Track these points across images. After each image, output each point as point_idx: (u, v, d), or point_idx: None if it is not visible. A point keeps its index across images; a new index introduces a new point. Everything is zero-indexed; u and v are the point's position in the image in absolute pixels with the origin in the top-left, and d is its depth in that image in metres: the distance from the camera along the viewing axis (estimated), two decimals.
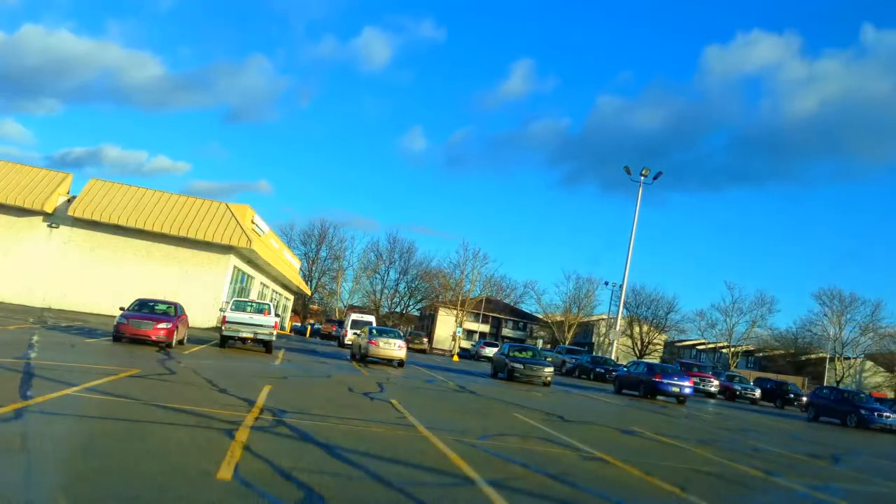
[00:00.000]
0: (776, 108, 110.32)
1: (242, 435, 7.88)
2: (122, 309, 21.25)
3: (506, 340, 76.18)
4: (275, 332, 23.33)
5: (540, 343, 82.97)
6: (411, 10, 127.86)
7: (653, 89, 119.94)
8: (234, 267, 38.92)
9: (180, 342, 21.25)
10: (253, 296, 44.82)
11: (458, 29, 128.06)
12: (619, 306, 52.19)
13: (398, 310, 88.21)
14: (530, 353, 29.22)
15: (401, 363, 25.77)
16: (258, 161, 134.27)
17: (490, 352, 48.79)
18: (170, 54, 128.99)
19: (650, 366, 30.32)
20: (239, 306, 24.22)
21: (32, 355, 13.51)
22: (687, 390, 26.29)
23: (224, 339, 23.16)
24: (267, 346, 23.36)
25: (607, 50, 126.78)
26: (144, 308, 21.28)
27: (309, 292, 79.08)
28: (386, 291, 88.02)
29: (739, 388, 38.98)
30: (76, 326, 24.45)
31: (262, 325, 22.81)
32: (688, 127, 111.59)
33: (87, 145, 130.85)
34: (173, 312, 21.24)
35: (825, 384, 59.45)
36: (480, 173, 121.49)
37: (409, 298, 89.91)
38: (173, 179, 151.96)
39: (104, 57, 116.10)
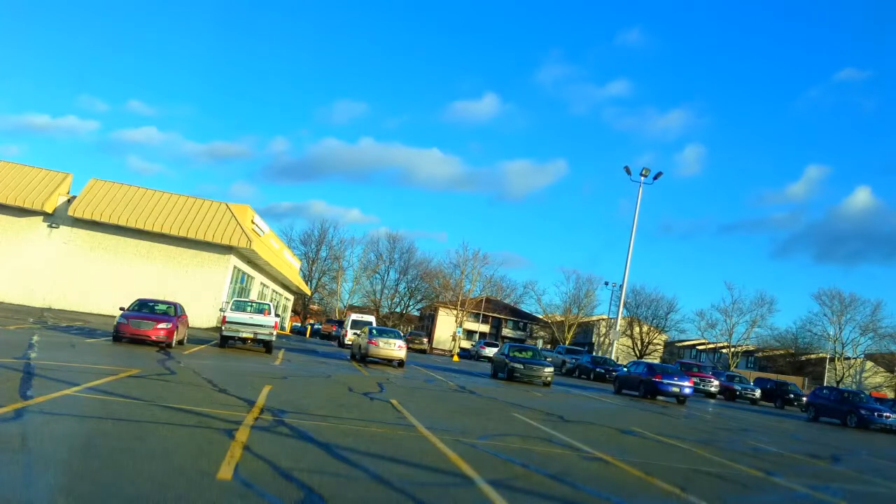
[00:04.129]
0: None
1: (242, 435, 7.88)
2: (122, 309, 21.26)
3: (506, 340, 76.18)
4: (275, 332, 23.34)
5: (540, 343, 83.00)
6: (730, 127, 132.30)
7: None
8: (234, 267, 38.92)
9: (180, 342, 21.26)
10: (253, 296, 44.83)
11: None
12: (619, 306, 52.20)
13: (398, 310, 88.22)
14: (530, 353, 29.21)
15: (401, 363, 25.78)
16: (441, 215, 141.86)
17: (490, 352, 48.81)
18: (470, 154, 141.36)
19: (650, 366, 30.30)
20: (239, 306, 24.23)
21: (32, 355, 13.52)
22: (687, 390, 26.29)
23: (224, 339, 23.17)
24: (267, 346, 23.37)
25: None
26: (144, 308, 21.28)
27: (309, 292, 79.06)
28: (386, 291, 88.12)
29: (739, 388, 38.97)
30: (76, 326, 24.46)
31: (262, 325, 22.82)
32: None
33: (296, 200, 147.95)
34: (173, 312, 21.25)
35: (825, 384, 59.44)
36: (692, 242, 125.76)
37: (409, 298, 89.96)
38: (357, 228, 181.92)
39: (416, 159, 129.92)
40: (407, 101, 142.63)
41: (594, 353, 63.30)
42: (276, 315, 25.55)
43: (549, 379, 25.89)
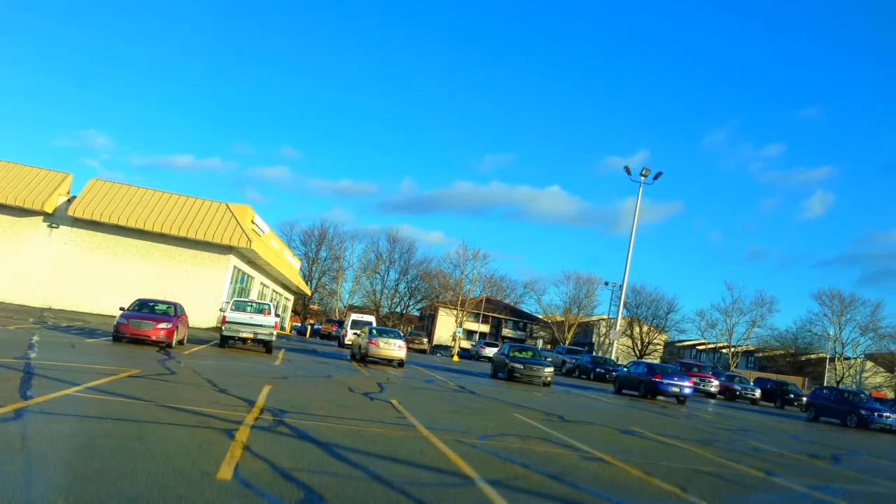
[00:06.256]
0: None
1: (242, 435, 7.88)
2: (122, 309, 21.27)
3: (506, 340, 76.17)
4: (275, 332, 23.34)
5: (540, 343, 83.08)
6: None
7: None
8: (234, 267, 38.92)
9: (180, 342, 21.26)
10: (253, 296, 44.82)
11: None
12: (619, 306, 52.19)
13: (398, 310, 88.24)
14: (530, 353, 29.21)
15: (401, 363, 25.78)
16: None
17: (490, 352, 48.87)
18: (592, 193, 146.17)
19: (650, 366, 30.30)
20: (239, 306, 24.23)
21: (32, 355, 13.52)
22: (687, 390, 26.29)
23: (224, 339, 23.18)
24: (267, 346, 23.37)
25: None
26: (144, 308, 21.29)
27: (309, 292, 79.06)
28: (386, 291, 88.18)
29: (739, 388, 38.98)
30: (76, 326, 24.46)
31: (262, 325, 22.82)
32: None
33: (382, 223, 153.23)
34: (173, 312, 21.25)
35: (825, 384, 59.45)
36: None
37: (409, 298, 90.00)
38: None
39: (535, 196, 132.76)
40: (558, 156, 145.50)
41: (594, 353, 63.30)
42: (276, 315, 25.54)
43: (549, 379, 25.89)
